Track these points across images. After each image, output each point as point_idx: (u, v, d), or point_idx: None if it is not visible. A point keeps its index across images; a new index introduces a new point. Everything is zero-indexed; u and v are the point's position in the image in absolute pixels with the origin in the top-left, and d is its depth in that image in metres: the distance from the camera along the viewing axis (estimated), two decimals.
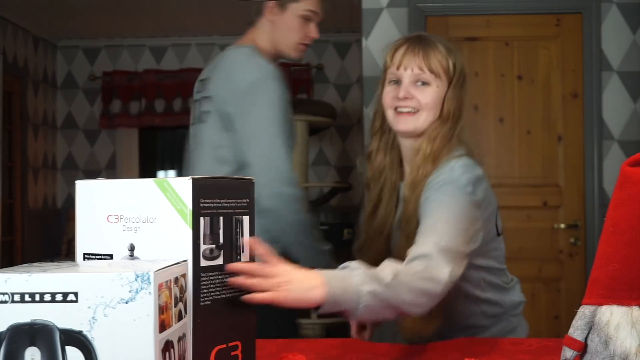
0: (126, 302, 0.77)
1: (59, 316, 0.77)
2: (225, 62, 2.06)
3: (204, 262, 1.00)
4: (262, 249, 1.12)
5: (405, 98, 1.59)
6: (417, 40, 1.62)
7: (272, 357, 1.37)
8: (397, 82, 1.62)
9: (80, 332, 0.77)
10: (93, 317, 0.77)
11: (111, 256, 1.04)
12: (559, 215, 3.71)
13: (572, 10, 3.74)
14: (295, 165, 4.68)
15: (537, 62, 3.75)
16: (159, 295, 0.79)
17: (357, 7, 4.08)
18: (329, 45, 5.60)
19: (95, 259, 1.05)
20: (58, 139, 5.79)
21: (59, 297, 0.77)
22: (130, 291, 0.77)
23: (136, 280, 0.77)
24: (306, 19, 2.12)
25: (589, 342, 0.83)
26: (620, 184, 0.84)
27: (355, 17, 4.55)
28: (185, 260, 0.92)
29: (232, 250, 1.05)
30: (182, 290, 0.89)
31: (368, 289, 1.23)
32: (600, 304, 0.83)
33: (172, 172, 6.20)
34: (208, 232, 1.01)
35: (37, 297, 0.77)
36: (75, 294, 0.77)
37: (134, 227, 1.02)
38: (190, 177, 1.00)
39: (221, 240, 1.03)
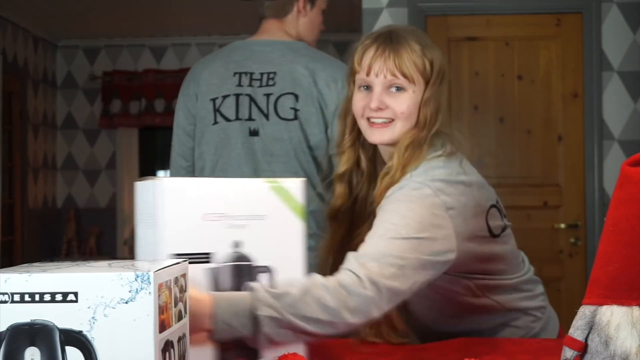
0: (126, 302, 0.77)
1: (58, 316, 0.77)
2: (304, 59, 2.01)
3: None
4: None
5: (379, 109, 1.41)
6: (387, 39, 1.42)
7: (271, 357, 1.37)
8: (368, 87, 1.43)
9: (80, 332, 0.77)
10: (93, 317, 0.77)
11: (208, 254, 1.09)
12: (559, 215, 3.71)
13: (572, 10, 3.73)
14: None
15: (537, 62, 3.75)
16: (159, 295, 0.79)
17: (357, 7, 4.08)
18: (329, 45, 5.60)
19: (193, 259, 1.07)
20: (58, 139, 5.79)
21: (58, 297, 0.77)
22: (130, 291, 0.77)
23: (136, 280, 0.77)
24: (323, 12, 2.15)
25: (589, 342, 0.83)
26: (620, 184, 0.84)
27: (355, 17, 4.55)
28: (186, 260, 0.92)
29: None
30: (182, 290, 0.89)
31: (265, 314, 1.11)
32: (601, 304, 0.83)
33: None
34: None
35: (37, 297, 0.77)
36: (75, 294, 0.77)
37: (240, 225, 1.08)
38: (300, 179, 1.15)
39: None
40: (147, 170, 5.96)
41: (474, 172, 1.43)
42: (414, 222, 1.28)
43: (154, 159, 6.16)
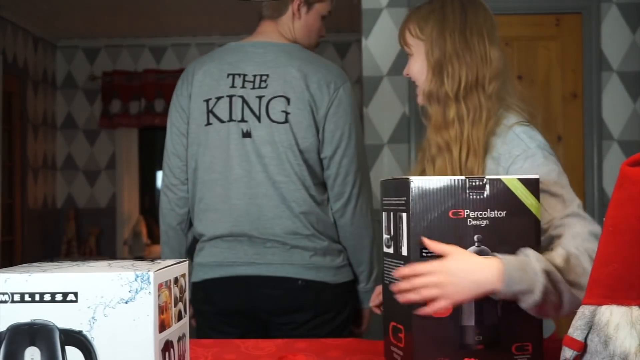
0: (126, 302, 0.77)
1: (58, 316, 0.77)
2: (297, 62, 1.99)
3: (384, 249, 1.29)
4: (432, 245, 1.18)
5: (407, 74, 1.61)
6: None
7: (272, 357, 1.37)
8: None
9: (80, 332, 0.77)
10: (93, 317, 0.77)
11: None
12: None
13: (572, 10, 3.74)
14: None
15: (537, 62, 3.76)
16: (159, 295, 0.79)
17: (357, 7, 4.08)
18: (329, 45, 5.60)
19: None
20: (58, 139, 5.79)
21: (58, 297, 0.77)
22: (130, 291, 0.77)
23: (136, 280, 0.77)
24: (323, 18, 2.14)
25: (588, 342, 0.83)
26: (620, 184, 0.84)
27: (355, 17, 4.55)
28: (186, 260, 0.92)
29: (396, 242, 1.24)
30: (182, 290, 0.89)
31: (543, 267, 1.18)
32: (600, 304, 0.83)
33: None
34: (385, 225, 1.28)
35: (37, 297, 0.77)
36: (75, 294, 0.77)
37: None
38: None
39: (391, 233, 1.25)
40: (147, 170, 5.96)
41: None
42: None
43: (154, 159, 6.16)
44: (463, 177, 1.20)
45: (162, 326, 0.80)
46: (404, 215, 1.19)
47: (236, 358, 1.38)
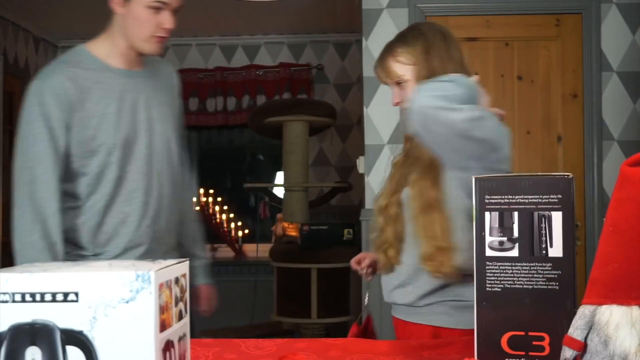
0: (127, 302, 0.77)
1: (59, 316, 0.77)
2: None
3: (489, 252, 1.13)
4: None
5: (398, 104, 1.80)
6: (380, 55, 1.85)
7: (272, 356, 1.37)
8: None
9: (80, 332, 0.77)
10: (94, 317, 0.77)
11: None
12: None
13: (572, 10, 3.74)
14: (296, 166, 4.69)
15: (537, 62, 3.76)
16: (160, 295, 0.79)
17: (357, 8, 4.09)
18: (329, 46, 5.60)
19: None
20: None
21: (59, 297, 0.77)
22: (130, 291, 0.77)
23: (137, 280, 0.78)
24: (156, 9, 1.99)
25: (588, 342, 0.84)
26: (619, 184, 0.84)
27: (356, 17, 4.55)
28: (187, 260, 0.92)
29: (531, 243, 1.13)
30: (183, 290, 0.89)
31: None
32: (600, 304, 0.84)
33: None
34: (496, 226, 1.14)
35: (38, 297, 0.77)
36: (76, 294, 0.77)
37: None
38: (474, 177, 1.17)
39: (515, 234, 1.12)
40: None
41: None
42: None
43: None
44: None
45: (163, 326, 0.80)
46: (556, 214, 1.12)
47: (237, 358, 1.38)
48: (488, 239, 1.14)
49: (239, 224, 5.81)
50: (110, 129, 1.96)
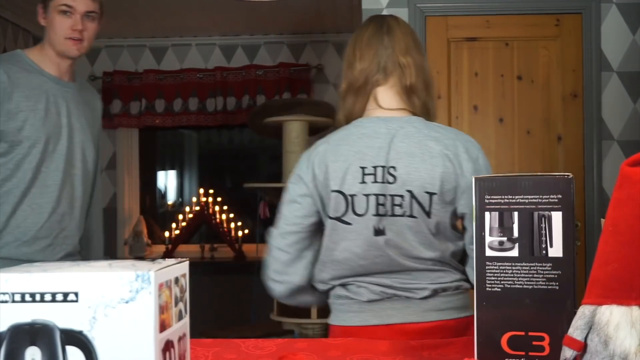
0: (126, 302, 0.77)
1: (59, 316, 0.77)
2: None
3: (489, 252, 1.12)
4: None
5: None
6: None
7: (272, 356, 1.37)
8: None
9: (80, 332, 0.77)
10: (93, 317, 0.77)
11: None
12: None
13: (572, 10, 3.74)
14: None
15: (537, 62, 3.76)
16: (160, 295, 0.79)
17: (357, 8, 4.08)
18: (329, 46, 5.60)
19: None
20: None
21: (59, 297, 0.77)
22: (130, 291, 0.77)
23: (136, 280, 0.78)
24: (64, 12, 2.27)
25: (588, 342, 0.84)
26: (619, 184, 0.84)
27: (355, 17, 4.55)
28: (186, 260, 0.92)
29: (531, 243, 1.12)
30: (183, 290, 0.89)
31: None
32: (600, 304, 0.84)
33: (172, 172, 6.20)
34: (496, 226, 1.13)
35: (38, 297, 0.77)
36: (76, 294, 0.77)
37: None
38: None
39: (515, 234, 1.11)
40: (147, 170, 5.96)
41: None
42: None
43: (154, 159, 6.16)
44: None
45: (163, 326, 0.80)
46: (556, 214, 1.12)
47: (236, 358, 1.38)
48: (488, 239, 1.13)
49: (239, 224, 5.80)
50: (37, 123, 2.19)
